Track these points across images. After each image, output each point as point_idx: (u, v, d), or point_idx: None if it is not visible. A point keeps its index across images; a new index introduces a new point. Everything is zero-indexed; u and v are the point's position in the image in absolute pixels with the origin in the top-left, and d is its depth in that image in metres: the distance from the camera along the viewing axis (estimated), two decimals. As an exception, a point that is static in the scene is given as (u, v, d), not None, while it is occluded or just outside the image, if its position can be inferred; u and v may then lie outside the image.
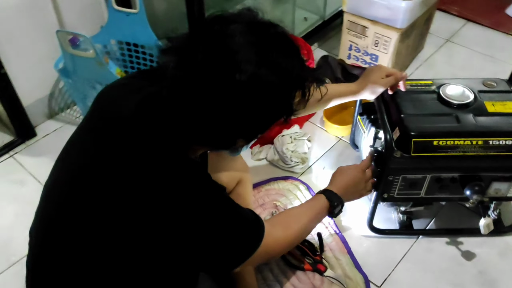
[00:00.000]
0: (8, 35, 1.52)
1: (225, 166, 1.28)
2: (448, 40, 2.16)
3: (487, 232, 1.24)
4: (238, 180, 1.30)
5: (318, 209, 1.09)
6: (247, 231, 0.91)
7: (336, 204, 1.10)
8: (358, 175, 1.19)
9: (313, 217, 1.08)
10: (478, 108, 1.24)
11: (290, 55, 0.78)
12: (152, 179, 0.80)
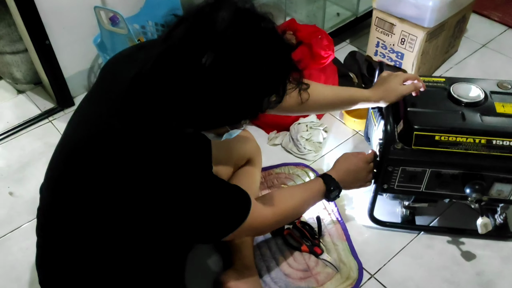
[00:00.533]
0: (54, 10, 1.66)
1: (236, 146, 1.35)
2: (484, 45, 2.12)
3: (484, 231, 1.24)
4: (248, 159, 1.36)
5: (313, 191, 1.14)
6: (233, 204, 0.96)
7: (333, 188, 1.15)
8: (361, 165, 1.22)
9: (306, 198, 1.13)
10: (487, 108, 1.24)
11: (273, 51, 0.79)
12: (141, 151, 0.85)
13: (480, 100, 1.26)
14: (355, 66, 1.93)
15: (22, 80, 1.98)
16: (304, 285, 1.28)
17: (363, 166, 1.23)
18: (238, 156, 1.34)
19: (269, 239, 1.39)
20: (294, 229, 1.40)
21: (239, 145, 1.35)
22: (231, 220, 0.96)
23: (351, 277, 1.30)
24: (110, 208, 0.88)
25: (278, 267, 1.32)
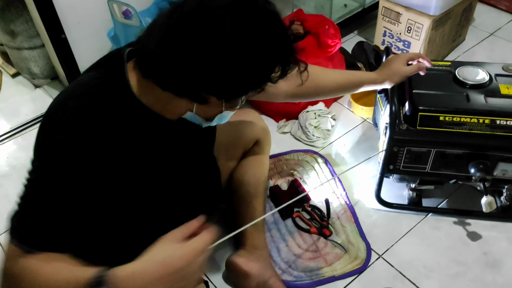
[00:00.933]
0: (70, 5, 1.71)
1: (244, 129, 1.39)
2: (492, 34, 2.13)
3: (488, 210, 1.26)
4: (255, 140, 1.40)
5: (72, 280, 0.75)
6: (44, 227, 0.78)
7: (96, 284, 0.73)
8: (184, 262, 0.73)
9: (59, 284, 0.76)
10: (492, 89, 1.27)
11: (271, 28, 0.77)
12: None
13: (485, 82, 1.28)
14: (362, 56, 1.96)
15: (39, 75, 2.05)
16: (314, 264, 1.32)
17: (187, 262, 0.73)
18: (247, 139, 1.38)
19: (278, 222, 1.43)
20: (303, 211, 1.44)
21: (246, 129, 1.39)
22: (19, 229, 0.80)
23: (360, 257, 1.33)
24: None
25: (288, 247, 1.36)
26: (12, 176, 1.67)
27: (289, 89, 1.19)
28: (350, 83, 1.28)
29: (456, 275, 1.28)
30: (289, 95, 1.21)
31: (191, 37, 0.74)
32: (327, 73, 1.27)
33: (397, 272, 1.30)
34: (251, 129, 1.39)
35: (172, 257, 0.72)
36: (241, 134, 1.37)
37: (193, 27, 0.74)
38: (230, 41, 0.73)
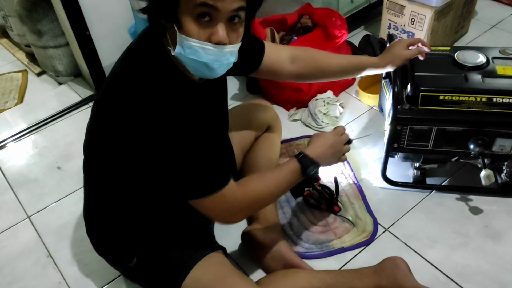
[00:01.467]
0: (94, 3, 1.85)
1: (256, 114, 1.49)
2: (494, 26, 2.22)
3: (487, 183, 1.34)
4: (267, 126, 1.50)
5: (287, 172, 1.12)
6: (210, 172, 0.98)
7: (307, 165, 1.12)
8: (334, 137, 1.21)
9: (282, 180, 1.12)
10: (489, 71, 1.36)
11: None
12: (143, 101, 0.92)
13: (482, 64, 1.37)
14: (369, 49, 2.06)
15: (63, 72, 2.18)
16: (324, 237, 1.41)
17: (337, 139, 1.21)
18: (258, 124, 1.48)
19: (290, 200, 1.53)
20: (314, 190, 1.53)
21: (258, 114, 1.49)
22: (201, 185, 0.98)
23: (367, 230, 1.42)
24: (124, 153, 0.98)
25: (299, 222, 1.45)
26: (40, 163, 1.79)
27: (294, 69, 1.31)
28: (353, 66, 1.36)
29: (458, 245, 1.37)
30: (293, 75, 1.32)
31: None
32: (331, 57, 1.37)
33: (402, 243, 1.39)
34: (263, 115, 1.50)
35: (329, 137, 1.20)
36: (253, 120, 1.47)
37: None
38: None
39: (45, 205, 1.61)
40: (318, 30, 1.80)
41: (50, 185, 1.68)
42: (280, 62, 1.30)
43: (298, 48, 1.35)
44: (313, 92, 1.81)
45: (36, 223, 1.56)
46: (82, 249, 1.45)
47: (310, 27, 1.84)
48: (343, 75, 1.42)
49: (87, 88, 2.11)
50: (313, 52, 1.36)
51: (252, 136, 1.49)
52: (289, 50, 1.33)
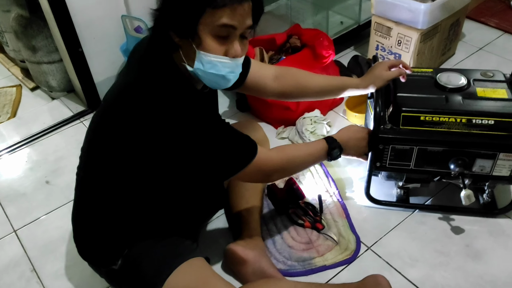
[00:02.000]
0: (87, 21, 1.89)
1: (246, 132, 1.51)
2: (481, 49, 2.26)
3: (468, 203, 1.36)
4: None
5: (316, 148, 1.27)
6: (241, 145, 1.12)
7: (334, 147, 1.28)
8: (362, 134, 1.36)
9: (310, 152, 1.26)
10: (469, 92, 1.39)
11: None
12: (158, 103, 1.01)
13: (463, 86, 1.40)
14: (357, 69, 2.09)
15: (57, 88, 2.21)
16: (306, 255, 1.42)
17: (364, 136, 1.36)
18: None
19: (275, 216, 1.54)
20: (298, 208, 1.55)
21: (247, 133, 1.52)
22: (239, 159, 1.10)
23: (349, 249, 1.43)
24: (133, 154, 1.07)
25: (283, 240, 1.47)
26: (30, 177, 1.80)
27: (276, 86, 1.36)
28: (334, 86, 1.41)
29: (439, 265, 1.38)
30: (276, 92, 1.38)
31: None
32: (312, 76, 1.42)
33: (384, 262, 1.40)
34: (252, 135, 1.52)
35: (358, 132, 1.36)
36: None
37: None
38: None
39: (32, 219, 1.62)
40: (306, 50, 1.83)
41: (38, 199, 1.70)
42: (263, 79, 1.35)
43: (282, 67, 1.40)
44: (300, 110, 1.84)
45: (22, 237, 1.57)
46: (66, 264, 1.46)
47: (299, 47, 1.88)
48: (325, 95, 1.46)
49: (79, 104, 2.14)
50: (295, 71, 1.41)
51: None
52: (272, 68, 1.39)
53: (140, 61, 1.09)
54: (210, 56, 1.00)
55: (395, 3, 1.85)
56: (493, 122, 1.31)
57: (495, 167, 1.36)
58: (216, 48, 1.00)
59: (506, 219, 1.49)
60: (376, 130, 1.35)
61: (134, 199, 1.17)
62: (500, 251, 1.40)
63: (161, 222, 1.22)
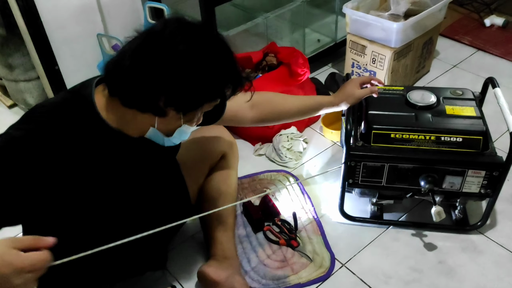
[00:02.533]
0: (64, 39, 1.88)
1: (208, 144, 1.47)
2: (455, 66, 2.31)
3: (438, 219, 1.37)
4: (222, 154, 1.49)
5: None
6: None
7: None
8: None
9: None
10: (438, 110, 1.41)
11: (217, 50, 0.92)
12: None
13: (433, 104, 1.43)
14: (334, 86, 2.12)
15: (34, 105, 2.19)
16: (281, 273, 1.42)
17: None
18: (212, 154, 1.47)
19: (250, 234, 1.54)
20: (273, 225, 1.55)
21: (212, 144, 1.48)
22: None
23: (324, 266, 1.43)
24: None
25: (258, 258, 1.46)
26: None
27: (254, 114, 1.36)
28: (309, 106, 1.43)
29: (412, 281, 1.38)
30: (255, 120, 1.38)
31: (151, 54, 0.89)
32: (287, 99, 1.43)
33: (358, 279, 1.40)
34: (216, 143, 1.49)
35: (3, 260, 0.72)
36: (206, 150, 1.47)
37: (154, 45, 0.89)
38: (182, 57, 0.88)
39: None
40: (282, 68, 1.86)
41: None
42: (241, 109, 1.35)
43: (257, 94, 1.38)
44: (277, 128, 1.85)
45: None
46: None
47: (275, 65, 1.90)
48: (302, 115, 1.47)
49: (56, 121, 2.13)
50: (271, 96, 1.42)
51: (206, 168, 1.47)
52: (247, 96, 1.34)
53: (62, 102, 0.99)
54: (190, 128, 1.02)
55: (369, 22, 1.89)
56: (461, 140, 1.34)
57: (465, 184, 1.38)
58: None
59: (478, 235, 1.51)
60: (347, 147, 1.37)
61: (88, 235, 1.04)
62: (472, 266, 1.41)
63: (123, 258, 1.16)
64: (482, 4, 2.70)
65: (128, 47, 0.92)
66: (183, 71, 0.89)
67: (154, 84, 0.89)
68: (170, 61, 0.88)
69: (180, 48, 0.88)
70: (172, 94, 0.91)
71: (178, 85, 0.90)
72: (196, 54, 0.89)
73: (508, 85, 2.13)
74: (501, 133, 1.78)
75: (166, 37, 0.89)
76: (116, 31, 1.98)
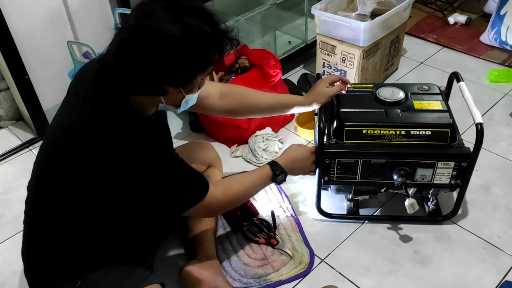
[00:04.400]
0: (33, 48, 1.87)
1: (196, 154, 1.53)
2: (422, 63, 2.38)
3: (412, 211, 1.42)
4: (208, 164, 1.55)
5: (261, 176, 1.31)
6: (191, 186, 1.14)
7: (278, 173, 1.32)
8: (306, 154, 1.40)
9: (254, 182, 1.30)
10: (407, 105, 1.46)
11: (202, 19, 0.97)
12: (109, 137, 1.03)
13: (401, 99, 1.47)
14: (307, 86, 2.16)
15: (5, 116, 2.16)
16: (262, 271, 1.44)
17: (308, 156, 1.40)
18: (199, 163, 1.52)
19: (230, 235, 1.55)
20: (252, 225, 1.57)
21: (199, 153, 1.54)
22: (188, 198, 1.14)
23: (304, 262, 1.46)
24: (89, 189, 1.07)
25: (238, 257, 1.48)
26: (-23, 209, 1.75)
27: (222, 104, 1.39)
28: (280, 104, 1.46)
29: (389, 272, 1.42)
30: (222, 110, 1.41)
31: (137, 43, 0.94)
32: (258, 94, 1.47)
33: (338, 273, 1.43)
34: (203, 154, 1.54)
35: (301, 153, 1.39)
36: (194, 159, 1.50)
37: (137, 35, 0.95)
38: (168, 39, 0.94)
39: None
40: (255, 70, 1.88)
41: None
42: (210, 97, 1.38)
43: (228, 85, 1.44)
44: (252, 129, 1.88)
45: None
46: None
47: (248, 67, 1.92)
48: (271, 112, 1.51)
49: (28, 132, 2.10)
50: (241, 89, 1.45)
51: None
52: (218, 86, 1.42)
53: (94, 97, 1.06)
54: (194, 95, 1.09)
55: (337, 22, 1.93)
56: (430, 133, 1.39)
57: (435, 176, 1.43)
58: None
59: (450, 224, 1.56)
60: (321, 145, 1.40)
61: (86, 231, 1.16)
62: (446, 255, 1.46)
63: (113, 251, 1.22)
64: (446, 3, 2.79)
65: (110, 46, 0.99)
66: (168, 54, 0.95)
67: (147, 71, 0.97)
68: (157, 46, 0.94)
69: (164, 30, 0.93)
70: (164, 75, 0.98)
71: (167, 67, 0.96)
72: (176, 35, 0.94)
73: (472, 79, 2.21)
74: (468, 125, 1.85)
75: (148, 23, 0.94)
76: (86, 38, 1.97)
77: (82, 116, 1.05)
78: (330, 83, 1.46)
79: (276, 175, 1.31)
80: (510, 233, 1.52)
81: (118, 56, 0.97)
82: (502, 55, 2.36)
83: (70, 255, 1.17)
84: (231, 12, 2.03)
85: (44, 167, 1.15)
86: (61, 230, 1.16)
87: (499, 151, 1.83)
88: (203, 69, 1.02)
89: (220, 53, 1.02)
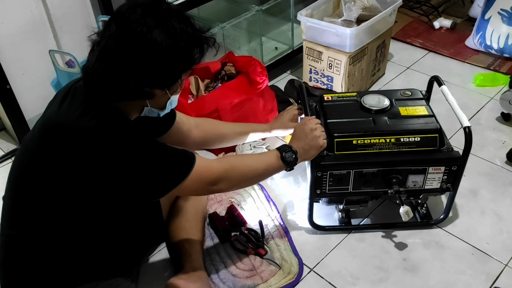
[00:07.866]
0: (15, 57, 1.83)
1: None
2: (409, 68, 2.38)
3: (407, 218, 1.41)
4: None
5: (265, 156, 1.33)
6: (177, 158, 1.14)
7: (287, 150, 1.30)
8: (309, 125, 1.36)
9: (258, 158, 1.32)
10: (393, 112, 1.45)
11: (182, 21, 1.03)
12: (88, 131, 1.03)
13: (387, 107, 1.46)
14: (294, 92, 2.15)
15: (-14, 126, 2.12)
16: (250, 282, 1.42)
17: (311, 126, 1.35)
18: None
19: (218, 245, 1.53)
20: (240, 235, 1.55)
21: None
22: (178, 170, 1.13)
23: (292, 272, 1.44)
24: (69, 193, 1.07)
25: (226, 269, 1.46)
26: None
27: (197, 134, 1.46)
28: (246, 132, 1.56)
29: (379, 280, 1.41)
30: (197, 141, 1.48)
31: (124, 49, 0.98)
32: (227, 124, 1.61)
33: (327, 282, 1.42)
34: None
35: (303, 128, 1.36)
36: None
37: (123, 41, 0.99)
38: (155, 43, 0.98)
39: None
40: (241, 77, 1.86)
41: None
42: (187, 126, 1.44)
43: (199, 118, 1.55)
44: (239, 136, 1.86)
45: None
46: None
47: (234, 74, 1.91)
48: (239, 140, 1.60)
49: (10, 142, 2.06)
50: (212, 120, 1.59)
51: None
52: (191, 118, 1.50)
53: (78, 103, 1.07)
54: (177, 96, 1.15)
55: (323, 28, 1.93)
56: (419, 139, 1.38)
57: (427, 181, 1.42)
58: None
59: (439, 230, 1.56)
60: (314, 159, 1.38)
61: (67, 242, 1.14)
62: (435, 262, 1.46)
63: (97, 264, 1.19)
64: (431, 7, 2.81)
65: (91, 55, 1.03)
66: (156, 57, 1.00)
67: (136, 76, 1.01)
68: (139, 50, 0.99)
69: (146, 35, 0.98)
70: (153, 78, 1.03)
71: (156, 70, 1.02)
72: (162, 38, 0.99)
73: (459, 83, 2.22)
74: (455, 131, 1.85)
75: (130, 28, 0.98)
76: (69, 47, 1.94)
77: (64, 118, 1.07)
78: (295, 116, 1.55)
79: (284, 153, 1.29)
80: (498, 239, 1.52)
81: (103, 63, 1.00)
82: (487, 59, 2.38)
83: (51, 270, 1.14)
84: (216, 19, 2.02)
85: (22, 172, 1.13)
86: (41, 242, 1.13)
87: (486, 156, 1.84)
88: (188, 68, 1.09)
89: (201, 52, 1.09)
